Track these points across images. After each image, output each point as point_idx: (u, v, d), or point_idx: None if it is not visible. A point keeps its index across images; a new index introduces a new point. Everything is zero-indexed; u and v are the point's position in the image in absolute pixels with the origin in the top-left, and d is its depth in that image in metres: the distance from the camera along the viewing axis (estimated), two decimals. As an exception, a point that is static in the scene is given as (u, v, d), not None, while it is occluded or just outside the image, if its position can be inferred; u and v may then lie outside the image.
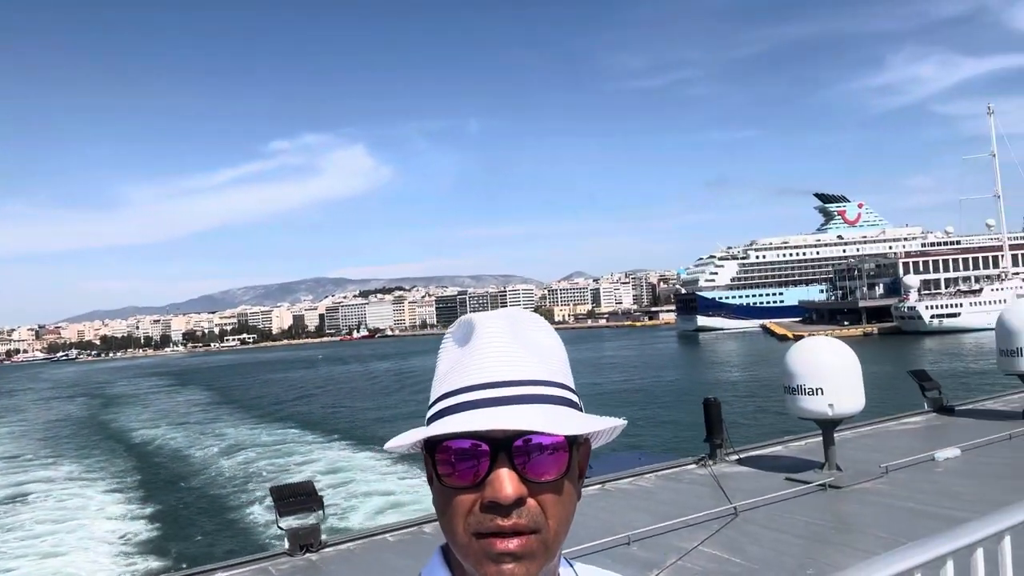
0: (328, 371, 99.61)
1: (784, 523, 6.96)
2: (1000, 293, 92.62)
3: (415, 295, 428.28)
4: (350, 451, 29.54)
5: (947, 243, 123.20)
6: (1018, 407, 11.32)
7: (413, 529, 7.72)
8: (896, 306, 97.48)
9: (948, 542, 1.85)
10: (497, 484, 0.87)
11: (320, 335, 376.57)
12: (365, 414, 44.50)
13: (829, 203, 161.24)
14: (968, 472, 8.34)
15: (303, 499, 7.54)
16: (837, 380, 8.17)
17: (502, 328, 0.99)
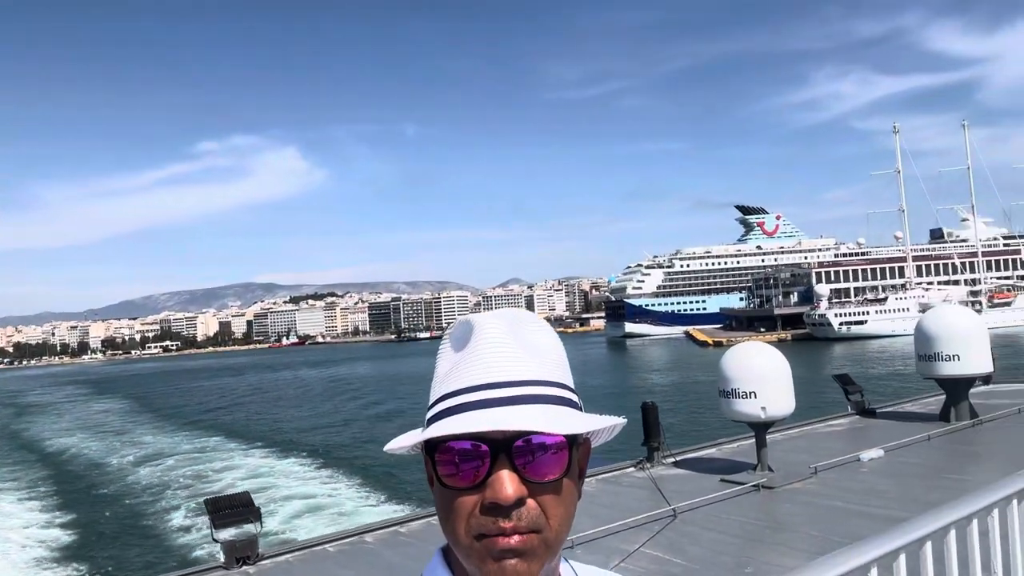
0: (257, 378, 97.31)
1: (721, 523, 7.14)
2: (903, 302, 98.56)
3: (348, 301, 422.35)
4: (281, 460, 28.91)
5: (858, 254, 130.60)
6: (935, 409, 11.85)
7: (354, 539, 7.61)
8: (808, 314, 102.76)
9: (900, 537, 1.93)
10: (497, 485, 0.87)
11: (248, 342, 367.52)
12: (296, 423, 43.60)
13: (749, 215, 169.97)
14: (891, 472, 8.71)
15: (240, 511, 7.35)
16: (769, 384, 8.43)
17: (501, 328, 0.99)
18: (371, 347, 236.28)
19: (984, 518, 2.34)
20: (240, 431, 39.81)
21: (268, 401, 61.31)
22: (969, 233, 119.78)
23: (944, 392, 11.65)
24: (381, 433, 36.60)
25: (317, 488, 21.35)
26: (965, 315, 12.25)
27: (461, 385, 0.94)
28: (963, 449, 9.97)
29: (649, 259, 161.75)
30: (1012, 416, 11.33)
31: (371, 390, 64.40)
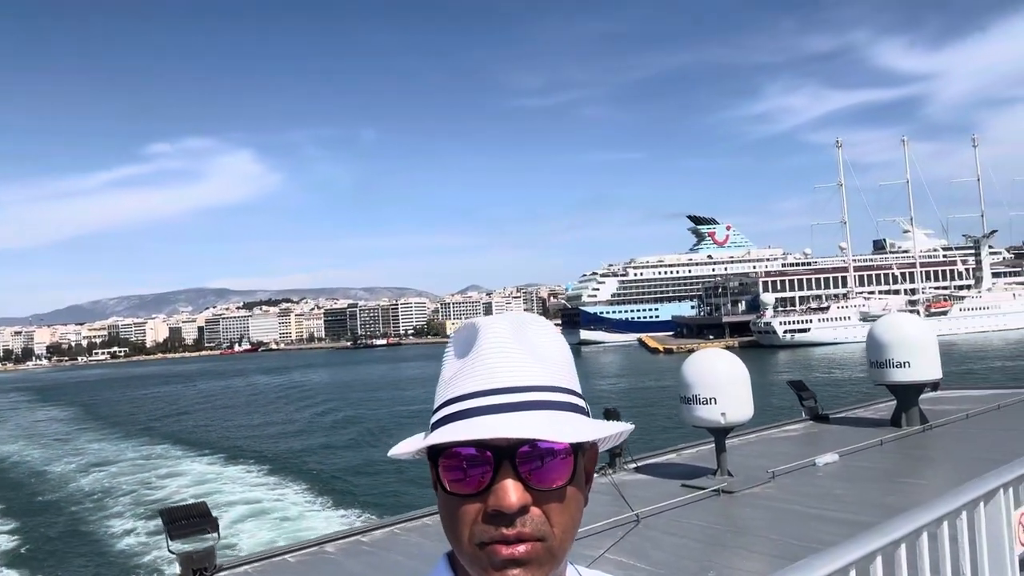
0: (208, 386, 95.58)
1: (683, 528, 7.20)
2: (845, 311, 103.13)
3: (303, 307, 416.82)
4: (233, 468, 28.38)
5: (804, 264, 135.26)
6: (886, 415, 12.14)
7: (314, 549, 7.49)
8: (754, 322, 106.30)
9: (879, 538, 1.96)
10: (501, 493, 0.87)
11: (199, 349, 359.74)
12: (248, 431, 42.85)
13: (701, 225, 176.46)
14: (846, 476, 8.89)
15: (196, 521, 7.17)
16: (729, 390, 8.55)
17: (506, 332, 0.97)
18: (327, 354, 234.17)
19: (953, 521, 2.40)
20: (191, 439, 39.17)
21: (219, 408, 60.35)
22: (910, 244, 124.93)
23: (895, 398, 11.94)
24: (335, 442, 36.24)
25: (271, 498, 21.08)
26: (915, 323, 12.59)
27: (465, 390, 0.93)
28: (914, 453, 10.22)
29: (604, 267, 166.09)
30: (960, 421, 11.66)
31: (324, 398, 63.63)
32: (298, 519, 18.71)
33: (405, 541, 7.50)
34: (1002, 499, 2.63)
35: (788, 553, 6.06)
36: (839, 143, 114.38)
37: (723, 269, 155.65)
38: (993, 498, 2.61)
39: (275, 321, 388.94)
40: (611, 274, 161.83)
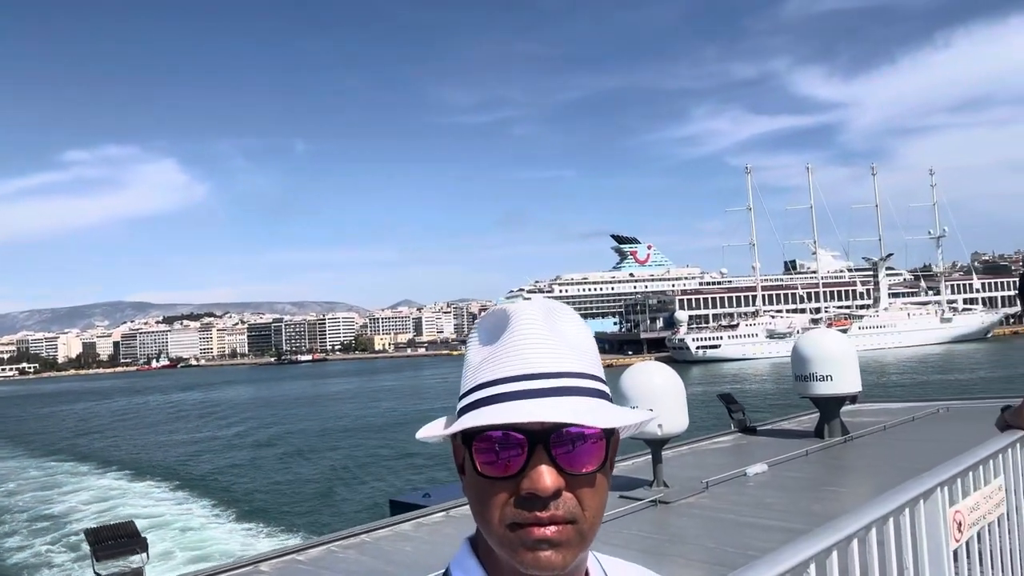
0: (121, 404, 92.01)
1: (621, 538, 7.31)
2: (753, 328, 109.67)
3: (226, 322, 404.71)
4: (153, 487, 27.35)
5: (719, 283, 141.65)
6: (810, 427, 12.59)
7: (248, 568, 7.28)
8: (669, 338, 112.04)
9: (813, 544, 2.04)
10: (535, 476, 0.88)
11: (114, 365, 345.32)
12: (168, 449, 41.35)
13: (624, 244, 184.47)
14: (776, 485, 9.18)
15: (124, 541, 6.90)
16: (666, 402, 8.74)
17: (538, 318, 0.98)
18: (249, 370, 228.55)
19: (897, 517, 2.53)
20: (107, 458, 37.60)
21: (136, 427, 58.01)
22: (818, 265, 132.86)
23: (818, 410, 12.39)
24: (255, 460, 35.30)
25: (197, 518, 20.36)
26: (837, 339, 13.12)
27: (500, 375, 0.94)
28: (837, 463, 10.64)
29: (531, 284, 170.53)
30: (878, 432, 12.18)
31: (241, 416, 61.91)
32: (225, 540, 18.15)
33: (343, 558, 7.37)
34: (939, 497, 2.79)
35: (724, 560, 6.22)
36: (748, 169, 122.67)
37: (644, 287, 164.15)
38: (931, 496, 2.77)
39: (196, 336, 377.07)
40: (537, 291, 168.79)
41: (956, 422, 12.87)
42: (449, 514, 8.61)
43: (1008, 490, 3.48)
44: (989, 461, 3.34)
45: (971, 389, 41.93)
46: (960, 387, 46.07)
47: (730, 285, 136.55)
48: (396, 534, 8.06)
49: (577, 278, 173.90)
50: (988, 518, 3.22)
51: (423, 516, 8.59)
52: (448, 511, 8.69)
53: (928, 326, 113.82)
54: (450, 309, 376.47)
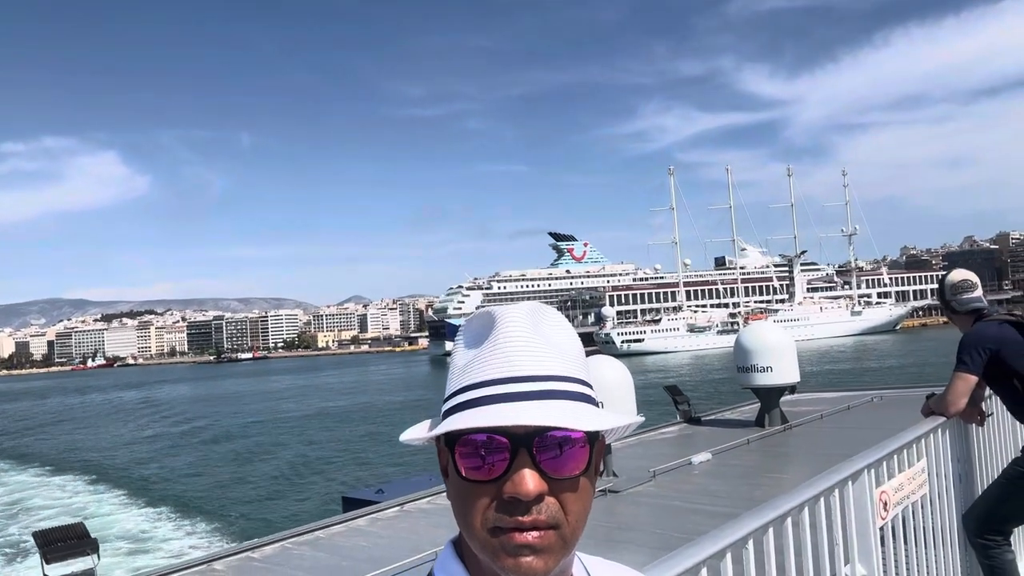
0: (65, 402, 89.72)
1: (573, 528, 7.52)
2: (674, 322, 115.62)
3: (166, 319, 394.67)
4: (99, 489, 26.71)
5: (651, 279, 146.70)
6: (751, 417, 13.02)
7: (202, 567, 7.25)
8: (596, 333, 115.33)
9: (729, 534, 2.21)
10: (518, 480, 0.87)
11: (49, 364, 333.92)
12: (114, 450, 40.30)
13: (561, 241, 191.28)
14: (719, 473, 9.52)
15: (74, 543, 6.84)
16: (615, 394, 8.99)
17: (524, 322, 0.97)
18: (187, 368, 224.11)
19: (828, 497, 2.76)
20: (49, 459, 36.61)
21: (76, 428, 56.35)
22: (747, 261, 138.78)
23: (759, 400, 12.84)
24: (202, 457, 34.76)
25: (145, 519, 20.00)
26: (777, 331, 13.60)
27: (484, 377, 0.93)
28: (777, 451, 11.06)
29: (470, 281, 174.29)
30: (816, 421, 12.67)
31: (181, 416, 60.72)
32: (177, 539, 17.91)
33: (298, 555, 7.41)
34: (866, 479, 3.04)
35: (670, 545, 6.43)
36: (671, 171, 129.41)
37: (580, 283, 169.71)
38: (859, 478, 3.01)
39: (134, 335, 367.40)
40: (476, 287, 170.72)
41: (889, 409, 13.46)
42: (403, 508, 8.70)
43: (930, 472, 3.77)
44: (913, 445, 3.62)
45: (891, 378, 43.69)
46: (891, 376, 47.98)
47: (661, 281, 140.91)
48: (350, 529, 8.13)
49: (515, 275, 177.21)
50: (912, 498, 3.50)
51: (377, 512, 8.66)
52: (402, 506, 8.78)
53: (839, 319, 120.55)
54: (396, 305, 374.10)
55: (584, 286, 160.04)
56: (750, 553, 2.32)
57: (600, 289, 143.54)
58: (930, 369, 46.20)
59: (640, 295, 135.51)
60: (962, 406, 4.03)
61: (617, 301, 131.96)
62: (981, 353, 4.04)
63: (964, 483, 4.26)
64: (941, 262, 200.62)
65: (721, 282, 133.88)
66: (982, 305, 4.32)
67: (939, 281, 4.49)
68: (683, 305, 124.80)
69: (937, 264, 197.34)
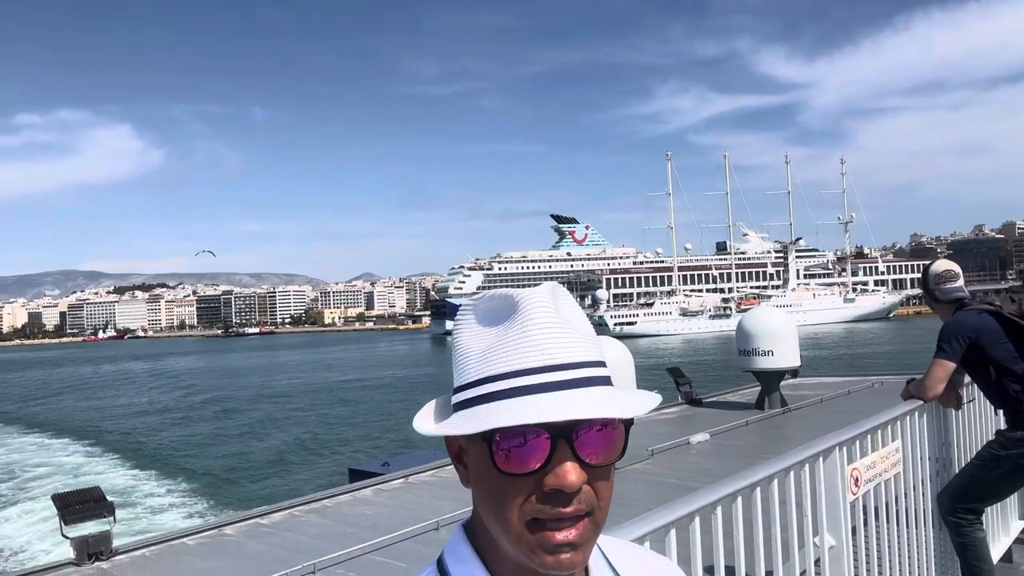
0: (78, 372, 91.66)
1: (571, 503, 7.78)
2: (667, 306, 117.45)
3: (178, 293, 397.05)
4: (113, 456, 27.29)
5: (652, 263, 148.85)
6: (752, 399, 13.23)
7: (213, 532, 7.56)
8: (591, 315, 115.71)
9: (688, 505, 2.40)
10: (561, 472, 0.85)
11: (61, 335, 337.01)
12: (127, 419, 40.95)
13: (563, 223, 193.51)
14: (716, 452, 9.76)
15: (90, 506, 7.11)
16: (616, 374, 9.12)
17: (551, 306, 0.93)
18: (196, 342, 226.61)
19: (799, 471, 2.97)
20: (65, 426, 37.59)
21: (90, 396, 57.28)
22: (748, 247, 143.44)
23: (759, 383, 13.04)
24: (213, 429, 35.31)
25: (159, 484, 20.59)
26: (778, 316, 13.78)
27: (519, 366, 0.88)
28: (775, 432, 11.28)
29: (472, 261, 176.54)
30: (815, 405, 12.88)
31: (191, 387, 61.61)
32: (189, 506, 18.46)
33: (306, 522, 7.69)
34: (837, 456, 3.25)
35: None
36: (669, 156, 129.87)
37: (580, 266, 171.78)
38: (831, 455, 3.22)
39: (144, 307, 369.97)
40: (477, 268, 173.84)
41: (890, 395, 13.56)
42: (408, 480, 8.98)
43: (905, 452, 3.97)
44: (888, 426, 3.82)
45: (877, 365, 43.96)
46: (878, 363, 48.38)
47: (659, 265, 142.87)
48: (356, 499, 8.41)
49: (516, 256, 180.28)
50: (884, 476, 3.70)
51: (382, 483, 8.94)
52: (407, 478, 9.05)
53: (832, 306, 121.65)
54: (402, 284, 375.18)
55: (584, 268, 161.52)
56: (719, 519, 2.53)
57: (598, 272, 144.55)
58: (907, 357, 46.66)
59: (638, 279, 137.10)
60: (940, 391, 4.22)
61: (615, 284, 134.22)
62: (960, 341, 4.22)
63: (941, 465, 4.46)
64: (946, 251, 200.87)
65: (715, 267, 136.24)
66: (963, 295, 4.48)
67: (923, 271, 4.66)
68: (677, 289, 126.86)
69: (941, 253, 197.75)
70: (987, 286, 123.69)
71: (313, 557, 6.18)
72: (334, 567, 6.12)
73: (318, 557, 6.17)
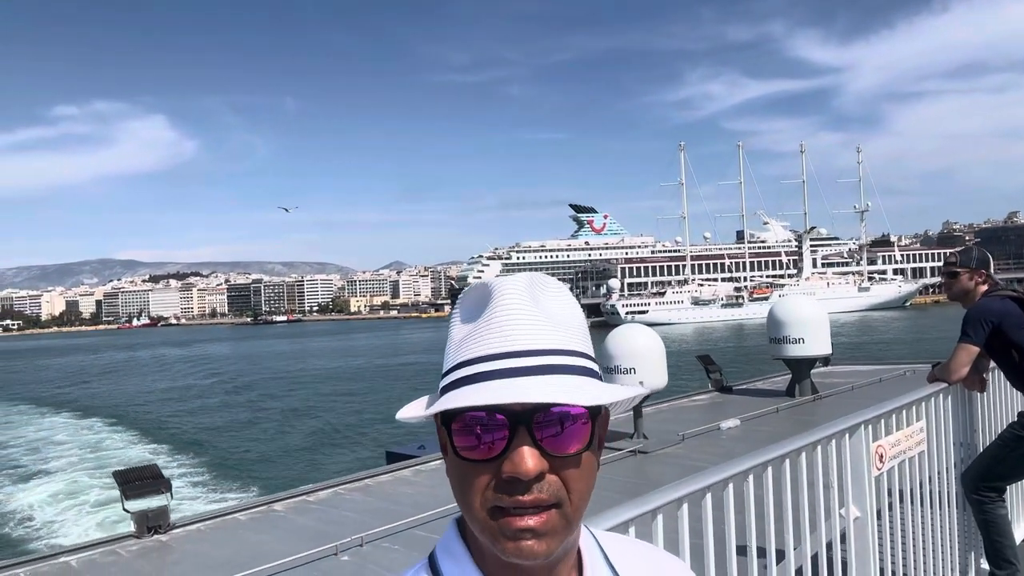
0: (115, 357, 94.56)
1: (604, 483, 7.93)
2: (678, 295, 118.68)
3: (210, 282, 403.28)
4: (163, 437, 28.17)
5: (667, 252, 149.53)
6: (782, 387, 13.34)
7: (263, 508, 7.94)
8: (603, 304, 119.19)
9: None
10: (517, 459, 0.83)
11: (96, 323, 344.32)
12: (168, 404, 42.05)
13: (581, 213, 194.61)
14: (745, 438, 9.92)
15: (149, 482, 7.52)
16: (647, 360, 9.43)
17: (521, 294, 0.93)
18: (227, 329, 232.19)
19: (826, 445, 3.19)
20: (110, 410, 38.84)
21: (131, 380, 58.94)
22: (769, 235, 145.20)
23: (790, 371, 13.15)
24: (254, 413, 36.14)
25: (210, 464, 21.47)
26: (809, 304, 13.85)
27: (480, 353, 0.89)
28: (804, 419, 11.38)
29: (491, 251, 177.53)
30: (846, 392, 12.95)
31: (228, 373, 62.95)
32: (240, 484, 19.23)
33: (350, 500, 8.05)
34: (863, 432, 3.46)
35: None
36: (682, 146, 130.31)
37: (599, 255, 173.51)
38: (856, 431, 3.43)
39: (177, 296, 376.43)
40: (496, 257, 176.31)
41: (921, 383, 13.63)
42: (445, 462, 9.29)
43: (929, 432, 4.16)
44: (912, 407, 4.02)
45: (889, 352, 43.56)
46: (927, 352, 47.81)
47: (674, 254, 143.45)
48: (396, 479, 8.75)
49: (535, 245, 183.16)
50: (909, 453, 3.90)
51: (420, 464, 9.27)
52: (443, 459, 9.35)
53: (846, 295, 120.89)
54: (427, 273, 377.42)
55: (601, 258, 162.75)
56: (750, 486, 2.76)
57: (613, 261, 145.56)
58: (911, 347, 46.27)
59: (653, 268, 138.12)
60: (964, 374, 4.40)
61: (630, 273, 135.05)
62: (984, 325, 4.39)
63: (965, 445, 4.63)
64: (974, 238, 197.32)
65: (729, 256, 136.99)
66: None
67: (944, 259, 4.82)
68: (689, 278, 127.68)
69: (969, 240, 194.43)
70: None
71: (359, 531, 6.51)
72: (380, 540, 6.44)
73: (364, 531, 6.50)
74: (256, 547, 6.78)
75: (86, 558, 6.68)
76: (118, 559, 6.66)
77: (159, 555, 6.81)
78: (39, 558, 6.74)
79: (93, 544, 7.01)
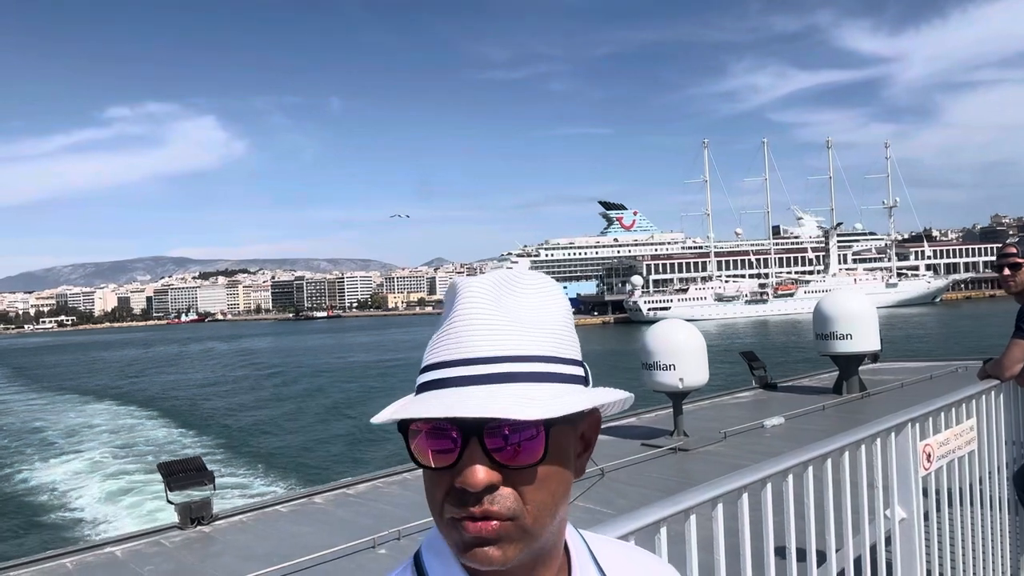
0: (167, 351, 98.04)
1: (643, 480, 7.94)
2: (702, 292, 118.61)
3: (256, 279, 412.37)
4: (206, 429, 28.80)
5: (693, 248, 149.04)
6: (829, 384, 13.05)
7: (303, 500, 8.04)
8: (626, 300, 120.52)
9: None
10: (467, 472, 0.81)
11: (147, 318, 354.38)
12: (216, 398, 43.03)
13: (610, 210, 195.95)
14: (790, 436, 9.72)
15: (193, 474, 7.66)
16: (687, 357, 9.28)
17: (484, 295, 0.88)
18: (271, 324, 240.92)
19: (870, 444, 3.08)
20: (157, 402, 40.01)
21: (179, 372, 60.42)
22: (802, 231, 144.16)
23: (837, 368, 12.84)
24: (297, 406, 36.69)
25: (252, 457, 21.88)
26: (857, 299, 13.49)
27: (437, 359, 0.87)
28: (852, 417, 11.11)
29: (520, 248, 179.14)
30: (895, 390, 12.61)
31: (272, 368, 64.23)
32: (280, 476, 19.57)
33: (388, 493, 8.08)
34: (909, 431, 3.33)
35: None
36: (705, 143, 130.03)
37: (627, 251, 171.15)
38: (903, 430, 3.31)
39: (223, 292, 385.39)
40: (525, 254, 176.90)
41: (973, 380, 13.24)
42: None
43: (980, 431, 4.00)
44: (962, 404, 3.86)
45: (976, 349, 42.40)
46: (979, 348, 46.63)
47: (700, 251, 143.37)
48: (435, 474, 8.76)
49: (564, 242, 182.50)
50: (958, 452, 3.75)
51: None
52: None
53: (873, 291, 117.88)
54: (463, 269, 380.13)
55: (630, 255, 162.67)
56: (789, 486, 2.67)
57: (639, 258, 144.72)
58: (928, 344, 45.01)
59: (679, 264, 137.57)
60: (1016, 371, 4.22)
61: (656, 270, 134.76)
62: None
63: (1017, 444, 4.44)
64: (1017, 232, 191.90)
65: (754, 253, 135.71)
66: None
67: (996, 253, 4.62)
68: (714, 275, 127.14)
69: (1013, 234, 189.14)
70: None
71: (397, 525, 6.53)
72: (418, 535, 6.45)
73: (402, 525, 6.51)
74: (296, 539, 6.84)
75: (131, 548, 6.83)
76: (162, 549, 6.79)
77: (202, 546, 6.92)
78: (85, 548, 6.91)
79: (138, 535, 7.16)
